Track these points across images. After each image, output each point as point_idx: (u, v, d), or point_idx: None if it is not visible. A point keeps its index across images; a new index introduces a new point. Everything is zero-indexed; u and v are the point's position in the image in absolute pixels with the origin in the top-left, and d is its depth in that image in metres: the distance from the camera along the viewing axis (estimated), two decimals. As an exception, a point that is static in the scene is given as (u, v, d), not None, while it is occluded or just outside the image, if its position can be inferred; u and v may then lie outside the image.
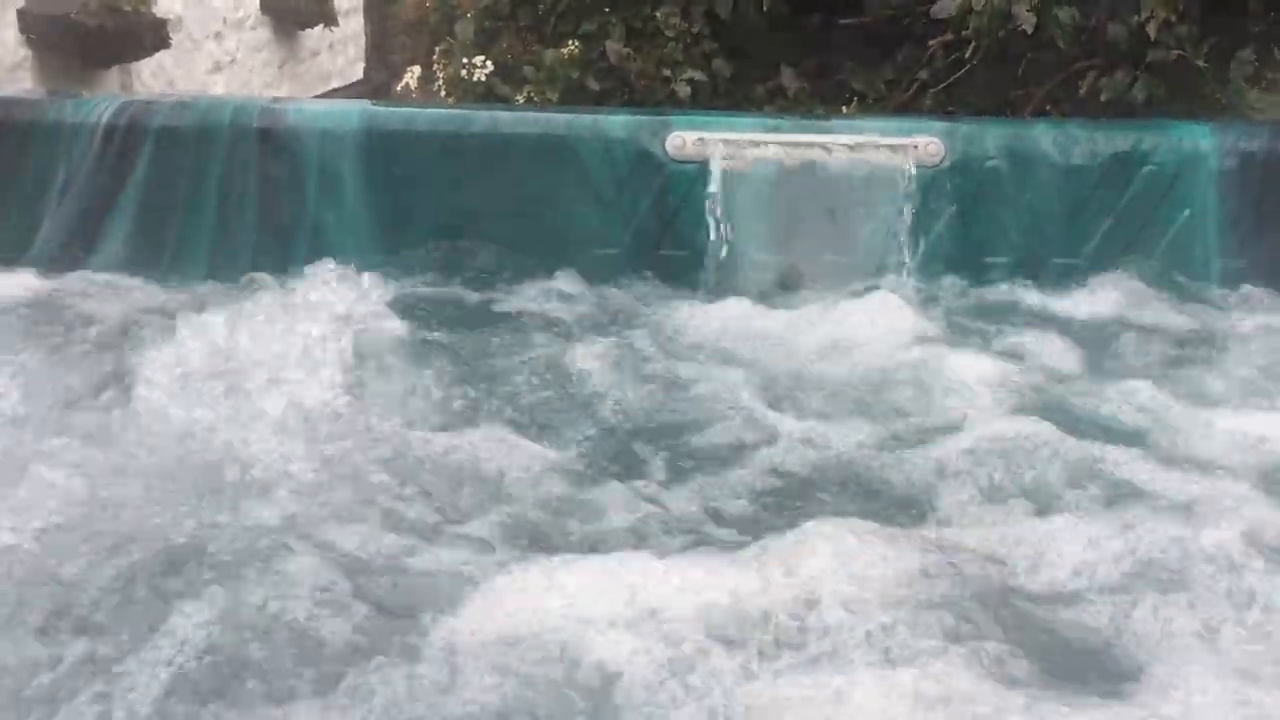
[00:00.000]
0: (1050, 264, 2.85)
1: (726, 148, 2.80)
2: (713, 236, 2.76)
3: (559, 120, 2.85)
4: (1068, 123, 3.04)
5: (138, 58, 6.20)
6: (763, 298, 2.75)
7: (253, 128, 2.74)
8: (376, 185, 2.78)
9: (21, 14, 5.42)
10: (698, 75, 3.95)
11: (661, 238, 2.85)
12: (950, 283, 2.82)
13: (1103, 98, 3.65)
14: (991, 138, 2.86)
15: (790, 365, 2.45)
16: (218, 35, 7.54)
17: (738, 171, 2.79)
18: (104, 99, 2.76)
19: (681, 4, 4.02)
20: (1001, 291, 2.79)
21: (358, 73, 10.50)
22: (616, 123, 2.85)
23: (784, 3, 3.93)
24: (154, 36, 6.13)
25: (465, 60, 3.99)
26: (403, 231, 2.81)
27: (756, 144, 2.81)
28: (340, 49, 10.07)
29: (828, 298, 2.73)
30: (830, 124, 2.93)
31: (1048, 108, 3.83)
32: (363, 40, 10.61)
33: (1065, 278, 2.82)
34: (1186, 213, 2.81)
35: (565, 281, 2.81)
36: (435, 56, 4.16)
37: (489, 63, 3.99)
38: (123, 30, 5.87)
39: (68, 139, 2.67)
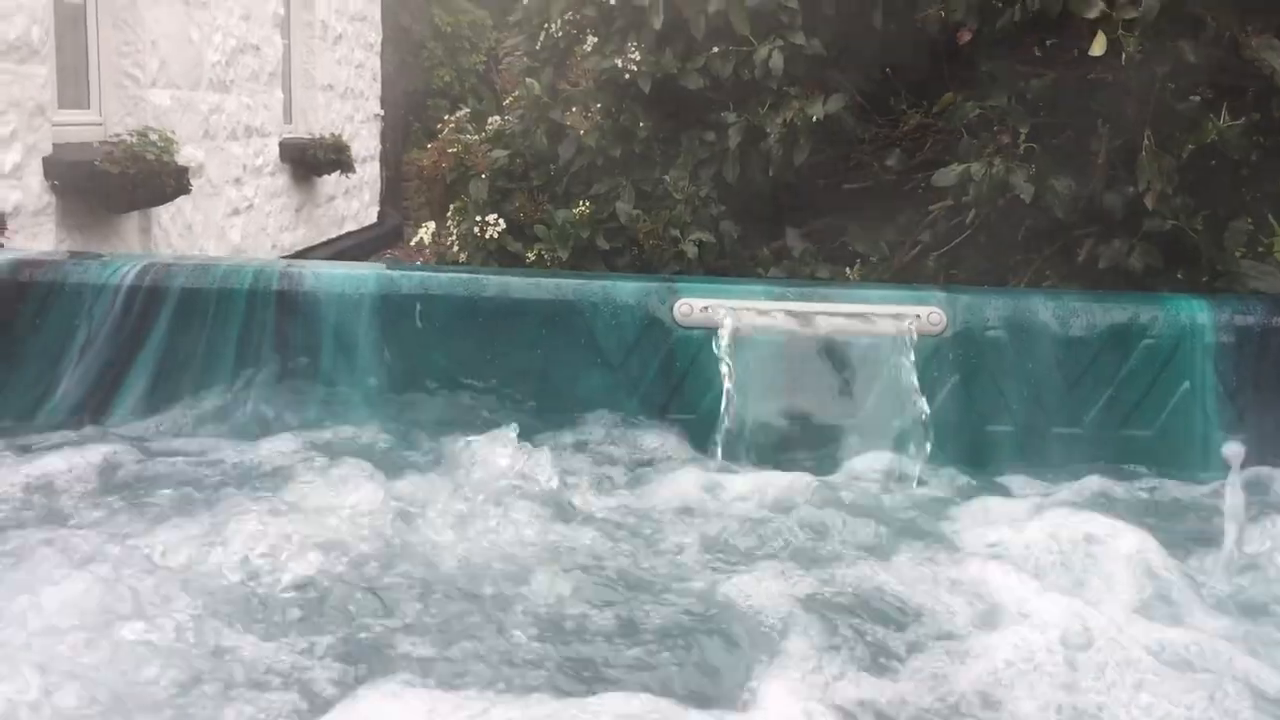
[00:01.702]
0: (1051, 433, 2.88)
1: (733, 315, 2.85)
2: (719, 402, 2.80)
3: (569, 285, 2.92)
4: (1066, 294, 3.10)
5: (159, 203, 6.37)
6: (768, 463, 2.78)
7: (272, 290, 2.81)
8: (390, 347, 2.84)
9: (47, 161, 5.59)
10: (705, 236, 4.06)
11: (668, 402, 2.90)
12: (953, 452, 2.85)
13: (1101, 264, 3.74)
14: (992, 307, 2.92)
15: (792, 532, 2.46)
16: (237, 181, 7.75)
17: (744, 338, 2.84)
18: (126, 260, 2.84)
19: (690, 169, 4.16)
20: (1002, 465, 2.81)
21: (372, 217, 10.78)
22: (625, 289, 2.92)
23: (789, 168, 4.06)
24: (176, 183, 6.31)
25: (479, 218, 4.11)
26: (414, 392, 2.85)
27: (762, 311, 2.87)
28: (356, 194, 10.34)
29: (832, 465, 2.76)
30: (835, 291, 2.99)
31: (1047, 273, 3.92)
32: (378, 185, 10.90)
33: (1065, 448, 2.85)
34: (1186, 385, 2.85)
35: (572, 444, 2.83)
36: (449, 213, 4.28)
37: (501, 221, 4.11)
38: (145, 177, 6.04)
39: (90, 299, 2.74)
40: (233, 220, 7.69)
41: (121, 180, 5.87)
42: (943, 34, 3.86)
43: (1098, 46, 3.24)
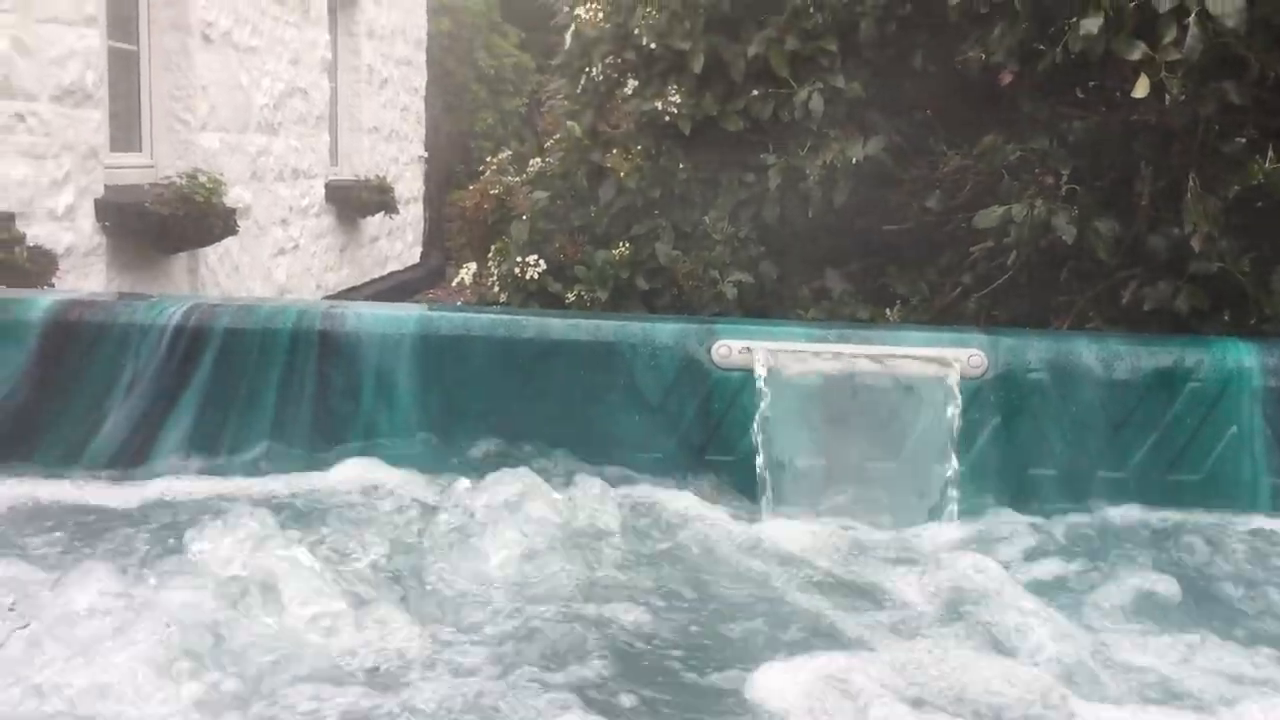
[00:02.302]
0: (1095, 478, 2.84)
1: (771, 357, 2.85)
2: (756, 444, 2.79)
3: (608, 327, 2.93)
4: (1109, 337, 3.07)
5: (207, 244, 6.47)
6: (805, 505, 2.76)
7: (315, 331, 2.84)
8: (430, 387, 2.85)
9: (99, 203, 5.70)
10: (744, 277, 4.06)
11: (706, 444, 2.89)
12: (995, 494, 2.82)
13: (1146, 307, 3.69)
14: (1034, 350, 2.89)
15: (828, 575, 2.45)
16: (283, 222, 7.87)
17: (782, 380, 2.83)
18: (172, 301, 2.88)
19: (729, 210, 4.17)
20: (1045, 508, 2.77)
21: (415, 257, 10.88)
22: (664, 330, 2.92)
23: (828, 209, 4.06)
24: (223, 224, 6.42)
25: (519, 259, 4.14)
26: (453, 433, 2.86)
27: (801, 354, 2.86)
28: (399, 235, 10.45)
29: (870, 507, 2.74)
30: (874, 334, 2.98)
31: (1091, 315, 3.88)
32: (421, 226, 11.02)
33: (1110, 491, 2.81)
34: (1233, 429, 2.80)
35: (610, 485, 2.83)
36: (490, 254, 4.32)
37: (542, 261, 4.14)
38: (194, 218, 6.15)
39: (136, 340, 2.78)
40: (278, 260, 7.79)
41: (170, 221, 5.98)
42: (983, 76, 3.86)
43: (1140, 89, 3.22)
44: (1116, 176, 3.83)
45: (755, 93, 4.11)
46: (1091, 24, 3.28)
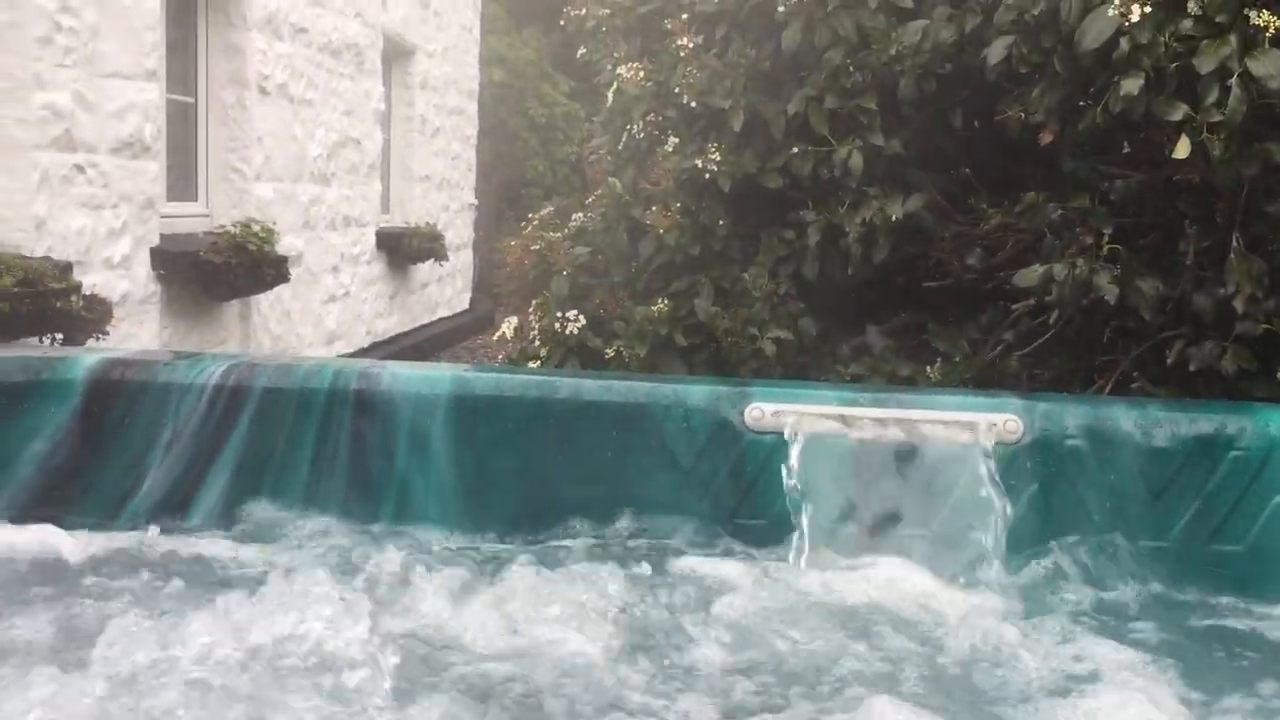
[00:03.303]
0: (1135, 546, 2.79)
1: (804, 420, 2.84)
2: (789, 508, 2.78)
3: (640, 389, 2.94)
4: (1149, 402, 3.03)
5: (259, 291, 6.59)
6: (839, 571, 2.74)
7: (350, 390, 2.87)
8: (464, 448, 2.88)
9: (154, 251, 5.83)
10: (784, 334, 4.05)
11: (738, 506, 2.88)
12: (1031, 562, 2.78)
13: (1192, 367, 3.64)
14: (1071, 416, 2.86)
15: (859, 645, 2.42)
16: (335, 269, 7.99)
17: (815, 444, 2.82)
18: (213, 360, 2.93)
19: (769, 266, 4.17)
20: (1082, 577, 2.73)
21: (465, 303, 10.99)
22: (696, 393, 2.92)
23: (868, 266, 4.05)
24: (275, 272, 6.53)
25: (559, 314, 4.17)
26: (486, 493, 2.88)
27: (834, 417, 2.85)
28: (449, 281, 10.56)
29: (903, 574, 2.71)
30: (909, 397, 2.96)
31: (1135, 375, 3.83)
32: (470, 273, 11.13)
33: (1150, 561, 2.76)
34: (1277, 500, 2.75)
35: (642, 546, 2.83)
36: (532, 308, 4.36)
37: (581, 317, 4.17)
38: (247, 266, 6.26)
39: (177, 398, 2.83)
40: (329, 307, 7.91)
41: (224, 269, 6.10)
42: (1024, 134, 3.84)
43: (1181, 150, 3.20)
44: (1160, 236, 3.79)
45: (795, 150, 4.13)
46: (1132, 85, 3.26)
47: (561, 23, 4.97)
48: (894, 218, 3.95)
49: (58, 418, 2.80)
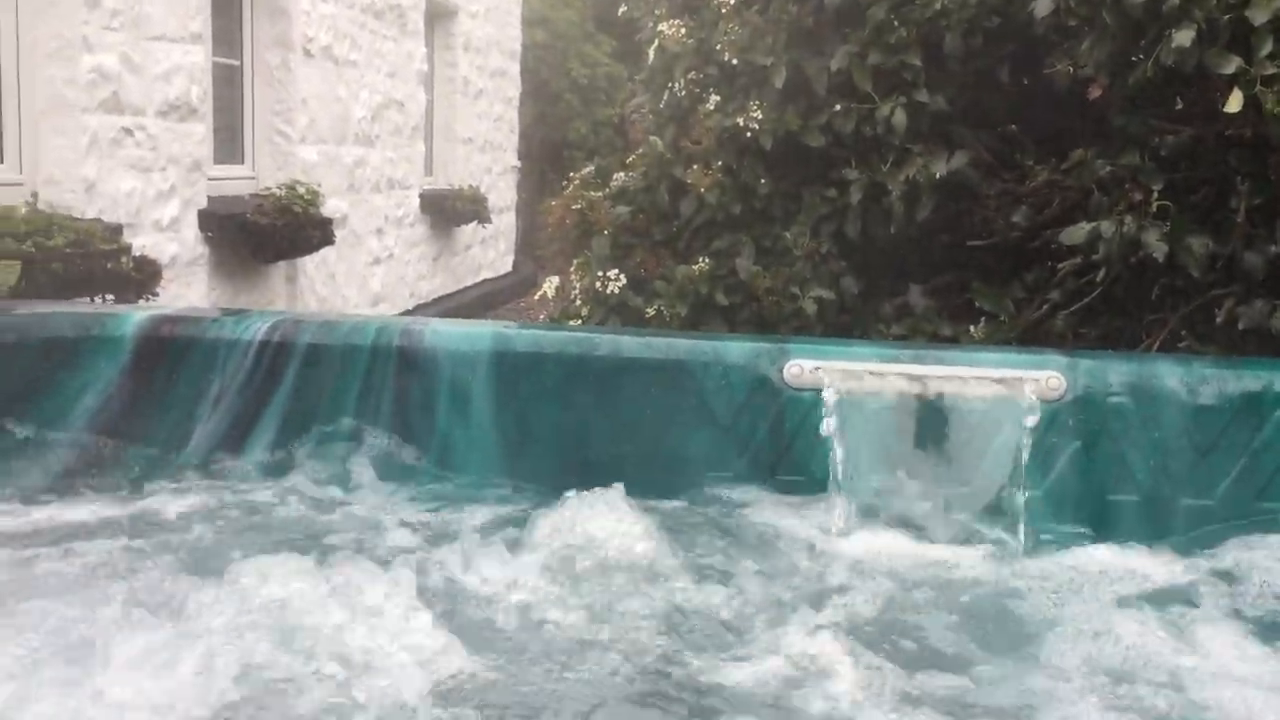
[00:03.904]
0: (1180, 505, 2.76)
1: (843, 377, 2.83)
2: (826, 464, 2.77)
3: (680, 346, 2.94)
4: (1195, 359, 2.98)
5: (305, 253, 6.65)
6: (876, 528, 2.74)
7: (393, 346, 2.90)
8: (503, 404, 2.90)
9: (202, 214, 5.90)
10: (825, 293, 4.04)
11: (777, 463, 2.88)
12: (1072, 521, 2.76)
13: (1241, 326, 3.59)
14: (1115, 373, 2.82)
15: (895, 601, 2.43)
16: (379, 231, 8.04)
17: (854, 401, 2.81)
18: (259, 316, 2.97)
19: (810, 224, 4.15)
20: (1125, 536, 2.71)
21: (508, 265, 11.03)
22: (735, 349, 2.92)
23: (911, 224, 4.02)
24: (320, 234, 6.59)
25: (600, 273, 4.18)
26: (526, 449, 2.90)
27: (874, 374, 2.84)
28: (492, 244, 10.60)
29: (942, 532, 2.71)
30: (949, 354, 2.94)
31: (1183, 334, 3.78)
32: (513, 235, 11.16)
33: (1195, 519, 2.73)
34: (1326, 457, 2.71)
35: (680, 503, 2.84)
36: (573, 268, 4.36)
37: (623, 276, 4.17)
38: (293, 229, 6.33)
39: (224, 354, 2.87)
40: (373, 269, 7.97)
41: (270, 231, 6.17)
42: (1072, 89, 3.78)
43: (1234, 103, 3.14)
44: (1210, 192, 3.72)
45: (838, 108, 4.09)
46: (1184, 37, 3.20)
47: (603, -19, 4.94)
48: (938, 175, 3.91)
49: (108, 373, 2.85)
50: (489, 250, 10.58)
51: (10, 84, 4.77)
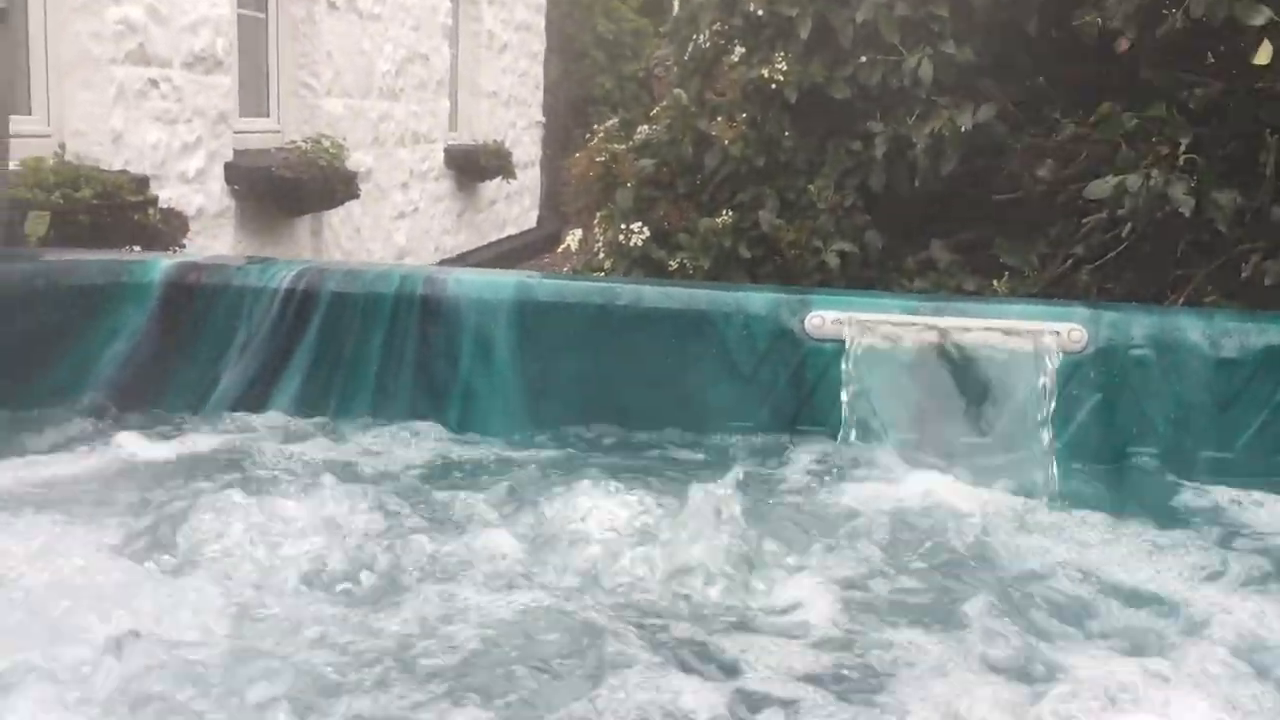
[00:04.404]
0: (1199, 458, 2.76)
1: (865, 328, 2.84)
2: (846, 415, 2.79)
3: (701, 296, 2.96)
4: (1218, 313, 2.98)
5: (330, 207, 6.68)
6: (895, 480, 2.75)
7: (416, 295, 2.93)
8: (527, 353, 2.92)
9: (228, 166, 5.92)
10: (848, 247, 4.03)
11: (797, 413, 2.90)
12: (1092, 473, 2.77)
13: (1267, 282, 3.57)
14: (1138, 326, 2.82)
15: (914, 553, 2.44)
16: (403, 185, 8.05)
17: (875, 352, 2.82)
18: (285, 265, 3.00)
19: (834, 177, 4.13)
20: (1144, 488, 2.71)
21: (532, 221, 11.02)
22: (757, 300, 2.93)
23: (936, 178, 4.00)
24: (345, 188, 6.61)
25: (624, 225, 4.18)
26: (547, 397, 2.93)
27: (895, 325, 2.84)
28: (516, 199, 10.59)
29: (961, 483, 2.72)
30: (971, 306, 2.95)
31: (1209, 289, 3.76)
32: (538, 191, 11.14)
33: (1214, 472, 2.73)
34: (1348, 411, 2.70)
35: (699, 453, 2.87)
36: (596, 221, 4.37)
37: (646, 229, 4.17)
38: (318, 182, 6.35)
39: (250, 302, 2.91)
40: (398, 223, 7.99)
41: (295, 185, 6.19)
42: (1101, 42, 3.74)
43: (1263, 55, 3.10)
44: (1239, 146, 3.69)
45: (863, 59, 4.06)
46: (1214, -13, 3.16)
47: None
48: (963, 129, 3.88)
49: (136, 319, 2.89)
50: (513, 206, 10.57)
51: (38, 36, 4.79)
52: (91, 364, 2.88)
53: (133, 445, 2.76)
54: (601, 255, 4.27)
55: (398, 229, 7.98)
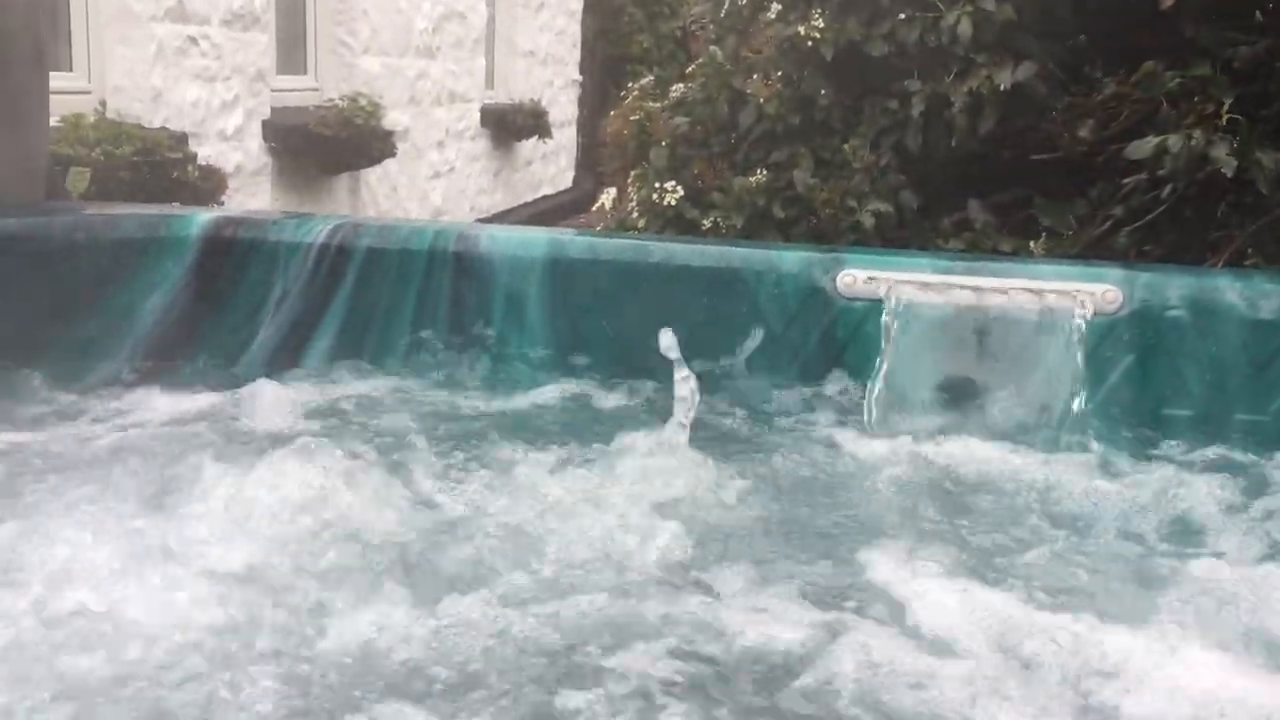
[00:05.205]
0: (1233, 420, 2.74)
1: (897, 287, 2.83)
2: (877, 374, 2.79)
3: (733, 253, 2.95)
4: (1256, 274, 2.94)
5: (367, 165, 6.71)
6: (926, 438, 2.75)
7: (449, 252, 2.95)
8: (558, 310, 2.94)
9: (266, 124, 5.96)
10: (883, 207, 4.01)
11: (829, 372, 2.90)
12: (1126, 434, 2.75)
13: (1309, 243, 3.52)
14: (1174, 287, 2.79)
15: (947, 508, 2.45)
16: (440, 145, 8.06)
17: (907, 311, 2.81)
18: (320, 220, 3.03)
19: (870, 137, 4.10)
20: (1178, 449, 2.70)
21: (567, 181, 11.01)
22: (789, 258, 2.93)
23: (973, 137, 3.96)
24: (382, 146, 6.64)
25: (657, 184, 4.18)
26: (579, 353, 2.95)
27: (928, 285, 2.83)
28: (552, 159, 10.58)
29: (992, 443, 2.71)
30: (1005, 266, 2.92)
31: (1250, 251, 3.71)
32: (574, 151, 11.12)
33: (1249, 435, 2.71)
34: (1387, 375, 2.67)
35: (732, 409, 2.88)
36: (630, 180, 4.37)
37: (679, 188, 4.16)
38: (355, 141, 6.38)
39: (286, 256, 2.94)
40: (434, 183, 8.01)
41: (333, 143, 6.23)
42: (1144, -1, 3.68)
43: (1310, 12, 3.04)
44: (1284, 106, 3.63)
45: (901, 16, 4.02)
46: (1261, -58, 3.10)
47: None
48: (1002, 87, 3.84)
49: (174, 273, 2.93)
50: (549, 166, 10.57)
51: (78, -8, 4.83)
52: (131, 316, 2.92)
53: (169, 396, 2.81)
54: (635, 214, 4.27)
55: (434, 188, 8.00)
